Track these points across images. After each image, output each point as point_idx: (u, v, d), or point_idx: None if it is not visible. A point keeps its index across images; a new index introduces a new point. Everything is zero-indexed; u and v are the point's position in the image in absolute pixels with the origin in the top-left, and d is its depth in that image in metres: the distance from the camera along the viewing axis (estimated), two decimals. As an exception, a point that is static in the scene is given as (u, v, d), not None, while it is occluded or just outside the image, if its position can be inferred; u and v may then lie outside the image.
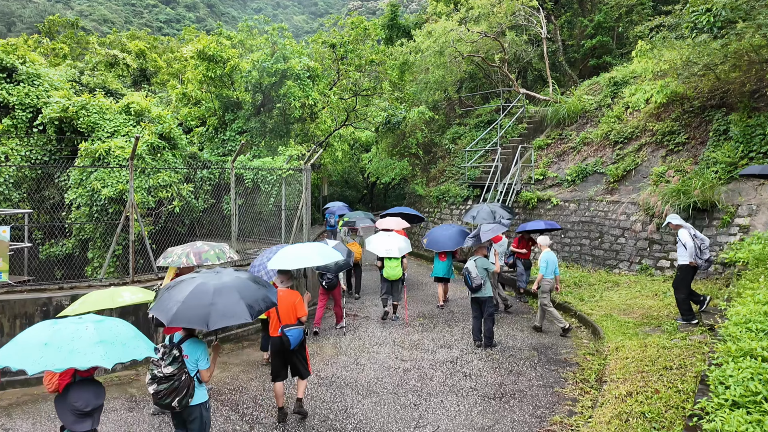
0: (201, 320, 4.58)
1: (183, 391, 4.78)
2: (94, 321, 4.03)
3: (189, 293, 4.74)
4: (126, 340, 3.95)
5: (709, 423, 3.64)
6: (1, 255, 8.26)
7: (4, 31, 71.11)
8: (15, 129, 14.35)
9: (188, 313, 4.61)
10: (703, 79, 13.78)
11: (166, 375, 4.73)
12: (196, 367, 4.95)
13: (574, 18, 24.59)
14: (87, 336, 3.79)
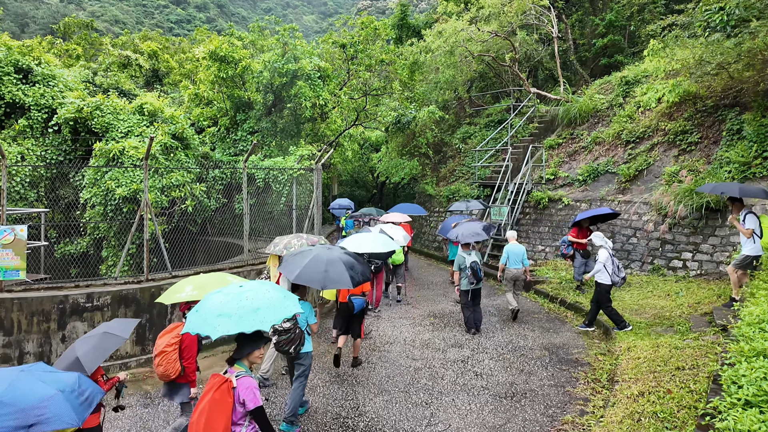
0: (318, 282, 5.97)
1: (297, 340, 5.99)
2: (251, 290, 4.36)
3: (308, 260, 6.17)
4: (276, 303, 4.27)
5: (722, 422, 3.65)
6: (19, 253, 8.39)
7: (18, 32, 71.91)
8: (31, 129, 14.58)
9: (307, 275, 6.00)
10: (716, 78, 13.68)
11: (285, 328, 5.91)
12: (306, 322, 6.18)
13: (585, 17, 24.48)
14: (248, 305, 4.10)
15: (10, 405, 3.22)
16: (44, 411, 3.30)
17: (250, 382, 3.94)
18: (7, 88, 14.52)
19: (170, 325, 5.71)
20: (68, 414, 3.38)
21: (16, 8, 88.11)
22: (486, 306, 12.03)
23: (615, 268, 9.23)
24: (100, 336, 4.78)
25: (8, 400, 3.25)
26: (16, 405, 3.25)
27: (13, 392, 3.30)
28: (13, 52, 15.24)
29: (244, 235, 11.38)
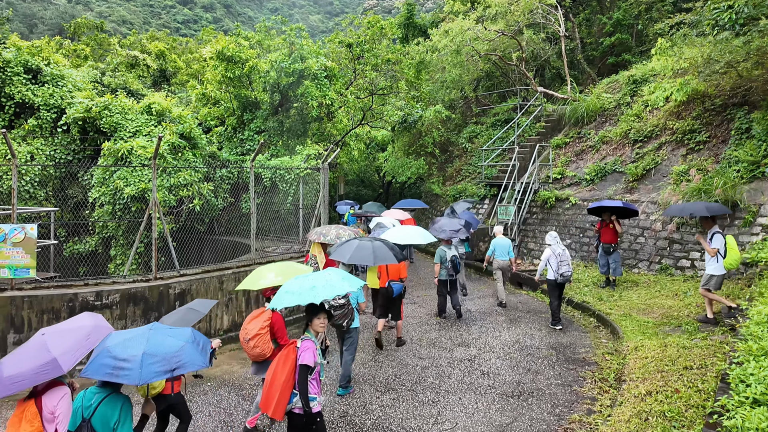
0: (369, 260, 7.55)
1: (348, 316, 6.89)
2: (315, 274, 5.26)
3: (356, 246, 7.70)
4: (333, 283, 5.04)
5: (730, 420, 3.64)
6: (29, 252, 8.47)
7: (27, 33, 72.42)
8: (40, 129, 14.70)
9: (359, 257, 7.55)
10: (725, 77, 13.59)
11: (339, 305, 6.77)
12: (356, 301, 7.28)
13: (592, 15, 24.39)
14: (307, 284, 4.97)
15: (155, 356, 4.02)
16: (181, 357, 4.13)
17: (310, 344, 4.68)
18: (17, 88, 14.64)
19: (255, 311, 6.23)
20: (198, 358, 4.23)
21: (25, 9, 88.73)
22: (492, 305, 12.04)
23: (557, 266, 9.90)
24: (185, 311, 5.68)
25: (152, 352, 4.04)
26: (159, 355, 4.04)
27: (153, 347, 4.09)
28: (22, 53, 15.37)
29: (251, 234, 11.44)
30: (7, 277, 8.38)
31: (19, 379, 3.77)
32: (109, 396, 4.04)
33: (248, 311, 10.44)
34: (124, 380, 3.89)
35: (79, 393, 4.17)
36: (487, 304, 12.20)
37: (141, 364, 3.91)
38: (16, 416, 3.85)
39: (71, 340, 4.13)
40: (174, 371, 4.03)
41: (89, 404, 4.02)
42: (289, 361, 4.63)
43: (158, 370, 3.95)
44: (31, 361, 3.87)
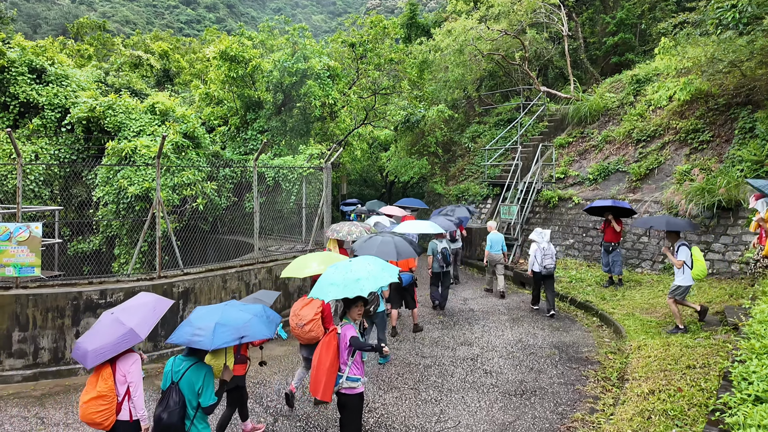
0: (393, 255, 8.03)
1: (375, 302, 7.83)
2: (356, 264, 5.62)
3: (380, 243, 8.29)
4: (375, 274, 5.45)
5: (731, 417, 3.65)
6: (34, 250, 8.51)
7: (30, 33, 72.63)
8: (44, 128, 14.76)
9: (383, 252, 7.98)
10: (729, 76, 13.58)
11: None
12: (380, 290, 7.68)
13: (595, 15, 24.36)
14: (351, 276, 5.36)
15: (227, 326, 4.68)
16: (249, 328, 4.77)
17: (350, 328, 5.15)
18: (22, 88, 14.70)
19: (303, 299, 6.65)
20: (263, 329, 4.89)
21: (29, 9, 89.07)
22: (495, 305, 12.05)
23: (542, 259, 10.77)
24: (252, 299, 6.09)
25: (224, 323, 4.69)
26: (231, 325, 4.70)
27: (225, 318, 4.76)
28: (27, 53, 15.43)
29: (254, 234, 11.46)
30: (12, 276, 8.42)
31: (103, 351, 4.43)
32: (195, 364, 4.60)
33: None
34: (198, 345, 4.50)
35: (170, 359, 4.78)
36: (490, 303, 12.21)
37: (213, 332, 4.55)
38: (94, 376, 4.52)
39: (141, 313, 4.74)
40: (241, 339, 4.68)
41: (178, 369, 4.59)
42: (332, 347, 5.02)
43: (227, 338, 4.57)
44: (110, 334, 4.50)
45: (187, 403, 4.48)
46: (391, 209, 15.44)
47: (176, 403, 4.42)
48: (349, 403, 5.10)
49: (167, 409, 4.41)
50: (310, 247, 12.77)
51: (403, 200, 18.35)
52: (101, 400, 4.41)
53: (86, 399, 4.44)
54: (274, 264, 11.27)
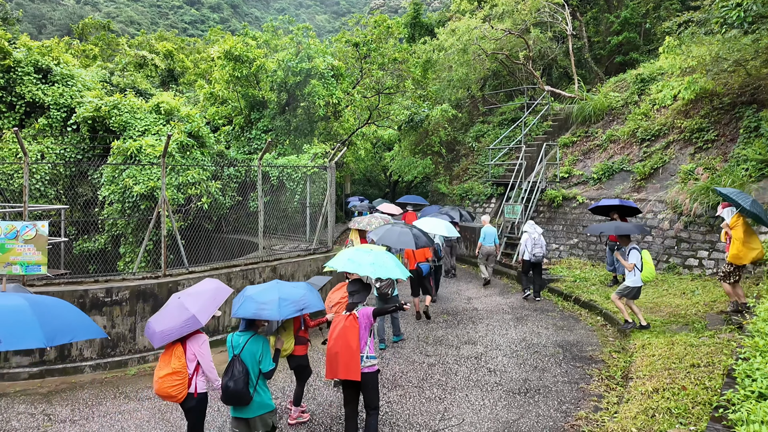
0: (411, 245, 8.94)
1: (391, 286, 8.50)
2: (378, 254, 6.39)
3: (399, 233, 9.09)
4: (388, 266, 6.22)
5: (735, 413, 3.66)
6: (41, 249, 8.57)
7: (35, 33, 72.93)
8: (50, 128, 14.84)
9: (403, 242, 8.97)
10: (733, 75, 13.55)
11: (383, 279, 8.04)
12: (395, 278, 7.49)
13: (600, 14, 24.32)
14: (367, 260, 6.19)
15: (288, 299, 5.18)
16: (306, 301, 5.32)
17: (366, 308, 5.54)
18: (27, 88, 14.79)
19: (338, 284, 7.05)
20: (318, 302, 5.47)
21: (34, 10, 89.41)
22: (500, 304, 12.06)
23: (531, 247, 11.79)
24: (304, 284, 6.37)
25: (285, 297, 5.19)
26: (290, 299, 5.21)
27: (285, 293, 5.26)
28: (33, 53, 15.52)
29: (258, 233, 11.50)
30: (19, 274, 8.48)
31: (169, 333, 4.92)
32: (253, 337, 5.10)
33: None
34: (267, 317, 5.06)
35: (228, 335, 5.23)
36: (494, 302, 12.22)
37: (278, 305, 5.06)
38: (167, 354, 5.04)
39: (202, 300, 5.15)
40: (302, 310, 5.23)
41: (238, 343, 5.06)
42: (355, 329, 5.37)
43: (291, 310, 5.10)
44: (175, 318, 4.96)
45: (250, 371, 4.95)
46: (388, 207, 15.63)
47: (240, 372, 4.89)
48: (371, 380, 5.50)
49: (233, 378, 4.87)
50: (315, 246, 12.82)
51: (405, 197, 18.67)
52: (175, 375, 4.95)
53: (161, 375, 4.96)
54: (279, 263, 11.31)
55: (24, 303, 3.88)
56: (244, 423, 5.07)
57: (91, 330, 4.15)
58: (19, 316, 3.76)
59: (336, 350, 5.33)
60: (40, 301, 4.02)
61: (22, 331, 3.65)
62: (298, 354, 6.44)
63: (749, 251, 8.01)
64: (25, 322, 3.72)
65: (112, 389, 7.77)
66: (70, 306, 4.32)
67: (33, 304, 3.91)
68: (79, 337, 3.96)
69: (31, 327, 3.70)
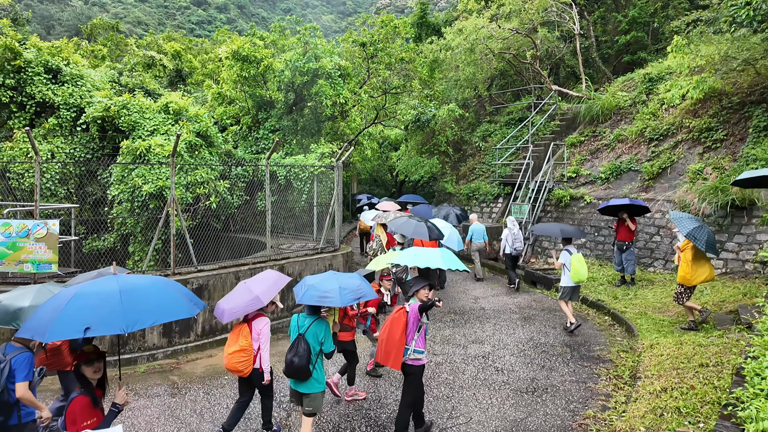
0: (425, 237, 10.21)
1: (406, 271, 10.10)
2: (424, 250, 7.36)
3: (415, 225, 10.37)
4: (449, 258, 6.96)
5: (744, 411, 3.65)
6: (51, 247, 8.66)
7: (44, 34, 73.44)
8: (60, 128, 14.95)
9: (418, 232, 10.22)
10: (743, 74, 13.48)
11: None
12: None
13: (607, 13, 24.23)
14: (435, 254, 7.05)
15: (347, 289, 5.61)
16: (363, 290, 5.76)
17: (416, 305, 5.83)
18: (38, 88, 14.90)
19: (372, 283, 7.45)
20: (371, 292, 5.92)
21: (42, 11, 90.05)
22: (506, 304, 12.06)
23: (512, 242, 12.75)
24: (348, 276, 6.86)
25: (344, 286, 5.62)
26: (349, 288, 5.63)
27: (344, 282, 5.69)
28: (43, 53, 15.63)
29: (266, 232, 11.55)
30: (31, 272, 8.57)
31: (235, 310, 5.65)
32: (317, 319, 5.60)
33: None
34: (330, 303, 5.51)
35: (293, 316, 5.75)
36: (501, 302, 12.22)
37: (340, 294, 5.52)
38: (235, 333, 5.80)
39: (265, 284, 5.93)
40: (359, 299, 5.67)
41: (303, 324, 5.58)
42: (401, 322, 5.72)
43: (351, 298, 5.55)
44: (241, 298, 5.73)
45: (311, 350, 5.44)
46: (387, 205, 15.96)
47: (304, 350, 5.40)
48: (413, 372, 5.83)
49: (297, 355, 5.38)
50: (322, 245, 12.85)
51: (405, 196, 19.48)
52: (243, 352, 5.68)
53: (231, 351, 5.71)
54: (286, 262, 11.35)
55: (115, 289, 3.98)
56: (298, 396, 5.59)
57: (174, 312, 4.13)
58: (109, 301, 3.87)
59: (382, 338, 5.81)
60: (131, 286, 4.08)
61: (107, 319, 3.76)
62: (344, 339, 7.02)
63: (698, 274, 8.46)
64: (112, 309, 3.82)
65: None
66: (162, 287, 4.27)
67: (123, 290, 3.99)
68: (162, 320, 3.99)
69: (115, 314, 3.80)
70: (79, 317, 3.71)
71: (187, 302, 4.28)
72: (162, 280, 4.39)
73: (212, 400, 7.20)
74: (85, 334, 3.60)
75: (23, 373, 4.67)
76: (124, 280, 4.13)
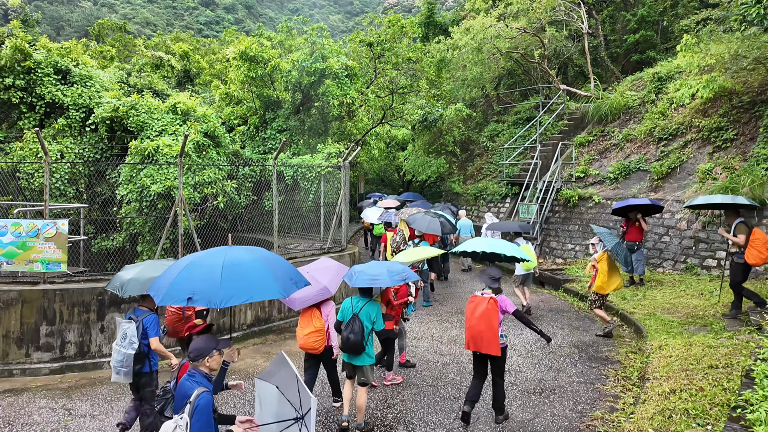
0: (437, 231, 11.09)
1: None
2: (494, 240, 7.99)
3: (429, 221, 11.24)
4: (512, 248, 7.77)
5: (753, 413, 3.61)
6: (61, 247, 8.72)
7: (54, 35, 73.97)
8: (69, 128, 15.07)
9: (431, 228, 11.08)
10: (753, 74, 13.36)
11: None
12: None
13: (616, 12, 24.07)
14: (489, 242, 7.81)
15: (394, 271, 6.32)
16: (407, 273, 6.47)
17: (505, 297, 6.44)
18: (47, 89, 15.03)
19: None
20: (413, 275, 6.61)
21: (52, 12, 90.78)
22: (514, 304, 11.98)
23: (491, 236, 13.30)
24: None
25: (392, 270, 6.34)
26: (395, 271, 6.35)
27: (391, 267, 6.41)
28: (52, 54, 15.76)
29: (273, 232, 11.58)
30: (40, 271, 8.64)
31: (307, 299, 6.25)
32: (369, 301, 6.22)
33: (270, 307, 10.65)
34: (380, 284, 6.20)
35: (346, 299, 6.32)
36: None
37: (389, 275, 6.21)
38: (306, 317, 6.36)
39: (330, 274, 6.52)
40: (404, 280, 6.35)
41: (357, 305, 6.18)
42: (496, 311, 6.15)
43: (397, 279, 6.24)
44: (311, 288, 6.15)
45: (364, 329, 6.00)
46: (388, 202, 16.33)
47: (359, 328, 5.98)
48: (503, 353, 6.36)
49: (353, 332, 5.97)
50: (329, 245, 12.87)
51: (405, 194, 20.07)
52: (318, 333, 6.28)
53: (306, 332, 6.30)
54: (293, 261, 11.36)
55: (219, 263, 4.23)
56: (352, 368, 6.20)
57: (267, 291, 4.23)
58: (212, 274, 4.14)
59: (481, 328, 6.12)
60: (235, 261, 4.29)
61: (208, 291, 4.03)
62: (387, 328, 7.32)
63: (610, 283, 9.30)
64: (213, 283, 4.08)
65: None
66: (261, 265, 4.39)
67: (226, 265, 4.21)
68: (255, 298, 4.14)
69: (215, 288, 4.04)
70: (186, 286, 4.09)
71: (284, 282, 4.42)
72: (266, 257, 4.58)
73: (218, 400, 7.22)
74: (187, 303, 3.99)
75: (154, 330, 5.79)
76: (231, 253, 4.39)
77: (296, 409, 3.98)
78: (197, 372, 3.82)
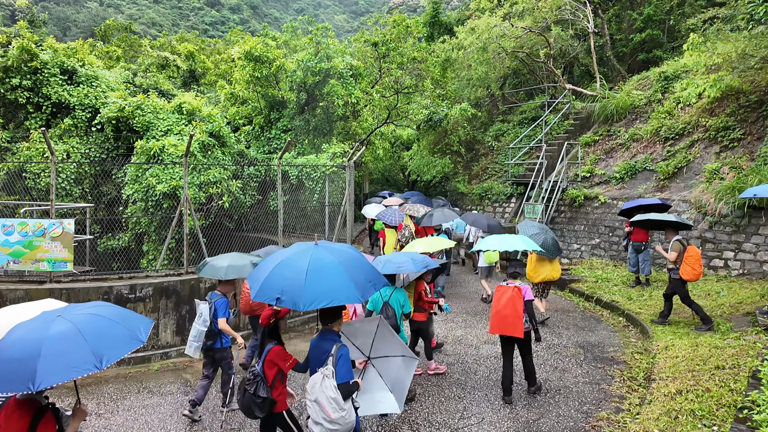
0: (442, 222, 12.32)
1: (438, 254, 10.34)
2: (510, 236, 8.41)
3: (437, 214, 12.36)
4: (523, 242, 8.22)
5: (759, 414, 3.59)
6: (67, 246, 8.76)
7: (60, 35, 74.27)
8: (75, 128, 15.15)
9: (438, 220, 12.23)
10: (761, 73, 13.26)
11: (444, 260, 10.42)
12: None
13: (622, 11, 23.97)
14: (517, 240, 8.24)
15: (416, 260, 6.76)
16: (427, 261, 6.86)
17: (527, 286, 6.88)
18: (54, 89, 15.12)
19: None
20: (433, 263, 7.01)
21: (58, 12, 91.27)
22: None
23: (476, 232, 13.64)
24: None
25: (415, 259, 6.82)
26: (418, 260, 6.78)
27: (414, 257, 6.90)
28: (59, 54, 15.86)
29: (278, 231, 11.59)
30: (46, 270, 8.68)
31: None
32: (397, 289, 6.89)
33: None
34: (406, 271, 6.71)
35: None
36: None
37: (413, 263, 6.70)
38: None
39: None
40: (426, 267, 6.78)
41: (386, 293, 6.78)
42: (520, 299, 6.61)
43: (420, 267, 6.64)
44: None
45: (396, 313, 6.65)
46: (391, 200, 16.44)
47: (392, 313, 6.64)
48: (527, 335, 6.88)
49: (387, 317, 6.53)
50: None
51: (405, 193, 20.29)
52: None
53: None
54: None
55: (304, 267, 4.40)
56: None
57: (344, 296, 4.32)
58: (297, 277, 4.35)
59: (506, 313, 6.63)
60: (318, 265, 4.45)
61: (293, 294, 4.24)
62: (418, 319, 7.70)
63: (538, 273, 10.02)
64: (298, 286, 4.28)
65: (136, 384, 7.91)
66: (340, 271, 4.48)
67: (310, 269, 4.39)
68: (334, 303, 4.25)
69: (299, 292, 4.24)
70: (276, 286, 4.33)
71: (363, 285, 4.48)
72: (346, 260, 4.63)
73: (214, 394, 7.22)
74: (276, 303, 4.22)
75: (221, 312, 6.41)
76: (315, 256, 4.55)
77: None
78: (331, 332, 4.67)
